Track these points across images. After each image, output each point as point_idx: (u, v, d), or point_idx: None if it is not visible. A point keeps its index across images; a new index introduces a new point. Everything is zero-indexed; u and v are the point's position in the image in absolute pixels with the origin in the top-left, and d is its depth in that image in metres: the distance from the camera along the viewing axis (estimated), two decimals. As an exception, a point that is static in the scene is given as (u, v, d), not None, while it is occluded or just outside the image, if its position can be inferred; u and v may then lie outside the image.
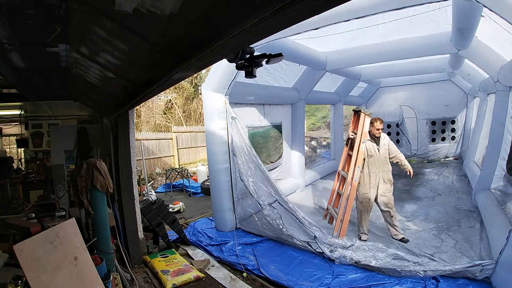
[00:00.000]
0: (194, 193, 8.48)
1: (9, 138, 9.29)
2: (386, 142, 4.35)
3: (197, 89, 17.69)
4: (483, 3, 2.90)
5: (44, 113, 6.72)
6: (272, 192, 4.69)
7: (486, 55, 4.76)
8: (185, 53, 1.53)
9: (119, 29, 1.75)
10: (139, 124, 14.71)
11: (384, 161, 4.33)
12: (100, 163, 3.27)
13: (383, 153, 4.31)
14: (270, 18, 0.94)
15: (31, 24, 1.89)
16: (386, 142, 4.35)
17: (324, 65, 6.22)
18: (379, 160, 4.30)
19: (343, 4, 0.89)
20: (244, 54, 1.74)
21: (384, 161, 4.33)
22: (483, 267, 3.03)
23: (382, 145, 4.32)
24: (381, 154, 4.30)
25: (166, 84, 2.10)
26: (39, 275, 2.00)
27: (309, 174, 7.91)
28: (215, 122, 4.86)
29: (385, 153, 4.33)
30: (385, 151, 4.34)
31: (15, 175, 6.76)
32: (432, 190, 6.68)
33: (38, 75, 3.39)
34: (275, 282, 3.50)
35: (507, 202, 4.43)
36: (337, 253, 3.77)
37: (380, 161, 4.31)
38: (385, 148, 4.33)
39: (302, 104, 7.18)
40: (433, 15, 4.23)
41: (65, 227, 2.38)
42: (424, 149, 10.64)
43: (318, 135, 13.28)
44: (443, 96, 9.98)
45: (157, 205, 4.53)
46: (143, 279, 3.73)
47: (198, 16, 1.32)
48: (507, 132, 4.70)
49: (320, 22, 3.68)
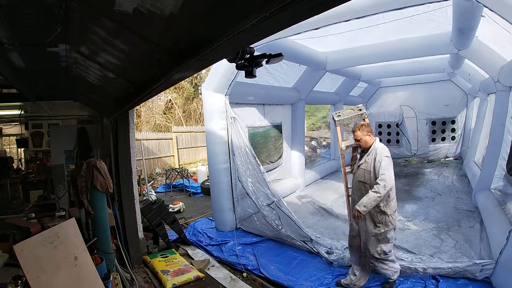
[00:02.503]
0: (194, 193, 8.48)
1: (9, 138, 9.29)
2: (370, 159, 2.94)
3: (197, 89, 17.68)
4: (484, 3, 2.90)
5: (44, 113, 6.71)
6: (269, 193, 4.69)
7: (486, 55, 4.75)
8: (185, 53, 1.53)
9: (119, 29, 1.75)
10: (139, 124, 14.71)
11: (360, 186, 3.04)
12: (100, 163, 3.27)
13: (360, 173, 3.03)
14: (270, 18, 0.94)
15: (31, 24, 1.89)
16: (370, 159, 2.94)
17: (324, 65, 6.22)
18: (354, 183, 3.15)
19: (343, 4, 0.89)
20: (244, 54, 1.74)
21: (358, 186, 3.07)
22: (483, 267, 3.03)
23: (364, 162, 3.01)
24: (358, 175, 3.08)
25: (166, 84, 2.10)
26: (39, 275, 2.00)
27: (309, 174, 7.91)
28: (215, 122, 4.86)
29: (363, 174, 3.00)
30: (363, 172, 2.99)
31: (15, 175, 6.76)
32: (432, 190, 6.68)
33: (38, 75, 3.39)
34: (275, 282, 3.50)
35: (507, 202, 4.43)
36: (335, 255, 3.76)
37: (355, 185, 3.13)
38: (365, 168, 2.98)
39: (302, 104, 7.18)
40: (434, 15, 4.23)
41: (65, 227, 2.38)
42: (424, 149, 10.64)
43: (318, 135, 13.27)
44: (443, 96, 9.98)
45: (157, 205, 4.53)
46: (143, 279, 3.73)
47: (198, 16, 1.32)
48: (507, 132, 4.70)
49: (320, 22, 3.68)
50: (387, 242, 2.98)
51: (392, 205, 2.92)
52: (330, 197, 6.61)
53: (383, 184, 2.74)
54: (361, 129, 3.04)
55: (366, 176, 2.96)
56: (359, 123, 3.16)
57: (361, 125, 3.08)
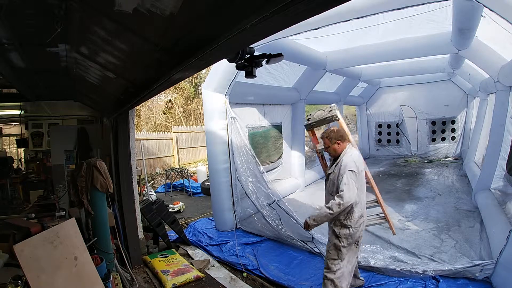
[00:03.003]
0: (194, 193, 8.48)
1: (9, 138, 9.29)
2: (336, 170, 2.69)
3: (197, 89, 17.69)
4: (484, 3, 2.90)
5: (44, 113, 6.72)
6: (270, 193, 4.69)
7: (486, 55, 4.76)
8: (185, 53, 1.53)
9: (119, 29, 1.75)
10: (139, 124, 14.71)
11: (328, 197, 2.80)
12: (100, 163, 3.27)
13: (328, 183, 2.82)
14: (270, 18, 0.94)
15: (31, 24, 1.89)
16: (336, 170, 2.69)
17: (324, 65, 6.23)
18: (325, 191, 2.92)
19: (343, 4, 0.89)
20: (244, 54, 1.74)
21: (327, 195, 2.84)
22: (483, 267, 3.03)
23: (332, 171, 2.78)
24: (327, 184, 2.87)
25: (166, 84, 2.10)
26: (39, 275, 2.00)
27: (309, 174, 7.91)
28: (215, 122, 4.86)
29: (329, 184, 2.80)
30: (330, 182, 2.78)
31: (15, 175, 6.76)
32: (432, 190, 6.68)
33: (38, 75, 3.39)
34: (275, 282, 3.50)
35: (507, 202, 4.43)
36: None
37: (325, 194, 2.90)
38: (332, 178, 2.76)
39: (302, 104, 7.18)
40: (434, 15, 4.23)
41: (65, 227, 2.38)
42: (424, 149, 10.65)
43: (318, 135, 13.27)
44: (443, 96, 9.98)
45: (157, 205, 4.53)
46: (143, 279, 3.73)
47: (198, 16, 1.32)
48: (507, 132, 4.70)
49: (320, 22, 3.68)
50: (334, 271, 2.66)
51: (354, 217, 2.64)
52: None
53: (338, 201, 2.51)
54: (329, 137, 2.79)
55: (331, 187, 2.76)
56: (327, 130, 2.87)
57: (330, 132, 2.81)
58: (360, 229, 2.70)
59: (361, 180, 2.71)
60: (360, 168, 2.69)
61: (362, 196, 2.74)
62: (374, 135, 11.81)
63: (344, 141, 2.79)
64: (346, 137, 2.82)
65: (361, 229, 2.71)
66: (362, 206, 2.74)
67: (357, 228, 2.68)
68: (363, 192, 2.78)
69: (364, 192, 2.80)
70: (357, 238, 2.70)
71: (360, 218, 2.70)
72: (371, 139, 11.89)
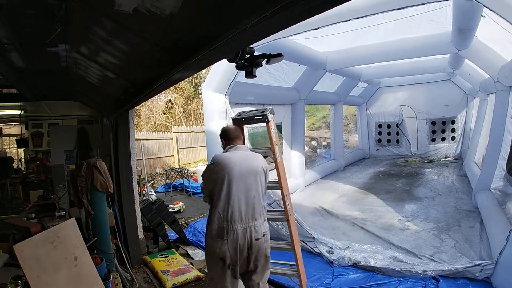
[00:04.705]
0: (194, 193, 8.48)
1: (9, 138, 9.30)
2: None
3: (197, 89, 17.68)
4: (484, 3, 2.90)
5: (44, 113, 6.72)
6: (270, 192, 4.68)
7: (486, 55, 4.76)
8: (185, 53, 1.53)
9: (119, 29, 1.76)
10: (139, 124, 14.70)
11: None
12: (100, 163, 3.27)
13: None
14: (270, 18, 0.94)
15: (31, 24, 1.89)
16: None
17: (324, 65, 6.22)
18: None
19: (343, 4, 0.89)
20: (244, 54, 1.74)
21: None
22: (483, 267, 3.03)
23: None
24: None
25: (166, 84, 2.10)
26: (39, 275, 2.00)
27: (309, 174, 7.90)
28: (215, 122, 4.86)
29: None
30: None
31: (15, 175, 6.77)
32: (432, 190, 6.68)
33: (38, 75, 3.40)
34: (275, 282, 3.49)
35: (507, 202, 4.43)
36: (335, 255, 3.76)
37: None
38: None
39: (302, 104, 7.17)
40: (434, 15, 4.23)
41: (65, 227, 2.38)
42: (424, 149, 10.64)
43: (318, 135, 13.28)
44: (443, 96, 9.98)
45: (157, 205, 4.53)
46: (143, 279, 3.73)
47: (198, 16, 1.32)
48: (507, 132, 4.70)
49: (320, 22, 3.68)
50: None
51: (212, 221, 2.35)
52: (330, 197, 6.61)
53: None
54: (220, 132, 2.57)
55: None
56: (226, 126, 2.72)
57: (222, 128, 2.59)
58: (223, 243, 2.13)
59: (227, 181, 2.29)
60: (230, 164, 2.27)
61: (232, 200, 2.28)
62: (374, 135, 11.81)
63: (228, 140, 2.47)
64: (234, 139, 2.45)
65: (226, 243, 2.12)
66: (230, 213, 2.24)
67: (215, 240, 2.16)
68: (232, 195, 2.31)
69: (235, 195, 2.30)
70: (222, 255, 2.11)
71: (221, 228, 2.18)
72: (371, 139, 11.89)
